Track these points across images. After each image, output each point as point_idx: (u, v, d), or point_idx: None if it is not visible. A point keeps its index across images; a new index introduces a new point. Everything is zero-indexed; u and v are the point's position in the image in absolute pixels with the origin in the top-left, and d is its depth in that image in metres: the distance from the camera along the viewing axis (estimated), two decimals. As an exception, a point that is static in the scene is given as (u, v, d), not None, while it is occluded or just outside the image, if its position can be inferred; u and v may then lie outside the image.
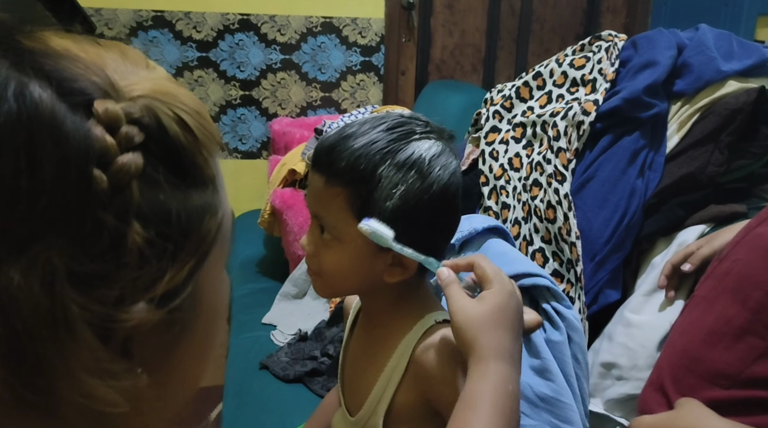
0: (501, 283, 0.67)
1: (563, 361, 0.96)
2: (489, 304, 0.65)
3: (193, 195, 0.37)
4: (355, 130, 0.72)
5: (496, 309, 0.65)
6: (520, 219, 1.29)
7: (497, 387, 0.61)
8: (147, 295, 0.34)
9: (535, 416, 0.93)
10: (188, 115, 0.36)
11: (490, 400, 0.60)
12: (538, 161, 1.28)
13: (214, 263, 0.40)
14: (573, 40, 2.90)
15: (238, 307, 1.90)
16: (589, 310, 1.17)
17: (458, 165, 0.75)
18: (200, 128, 0.37)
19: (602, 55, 1.32)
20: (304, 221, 1.83)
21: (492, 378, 0.61)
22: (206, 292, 0.41)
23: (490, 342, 0.63)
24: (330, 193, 0.72)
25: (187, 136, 0.36)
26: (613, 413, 1.08)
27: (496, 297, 0.66)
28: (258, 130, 2.67)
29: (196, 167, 0.37)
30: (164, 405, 0.40)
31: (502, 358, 0.63)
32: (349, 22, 2.64)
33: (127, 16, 2.45)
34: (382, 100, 2.76)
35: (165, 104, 0.35)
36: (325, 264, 0.75)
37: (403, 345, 0.76)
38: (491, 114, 1.42)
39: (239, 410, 1.40)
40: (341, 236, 0.73)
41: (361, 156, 0.70)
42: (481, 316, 0.65)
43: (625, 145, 1.20)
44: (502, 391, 0.61)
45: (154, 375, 0.37)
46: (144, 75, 0.37)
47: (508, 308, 0.66)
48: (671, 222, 1.16)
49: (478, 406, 0.60)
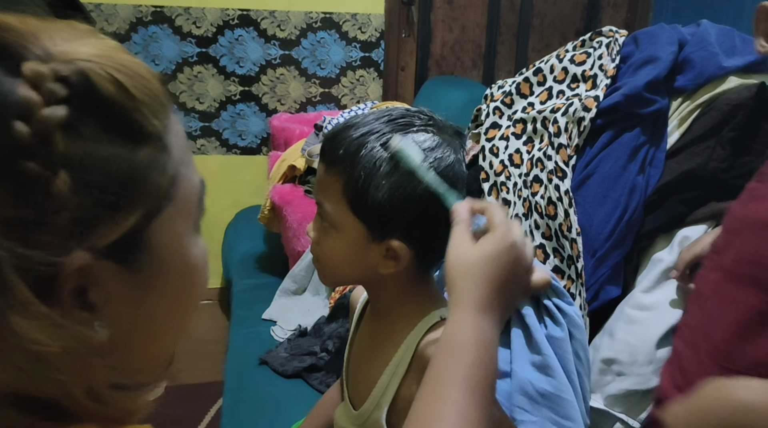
0: (504, 232, 0.63)
1: (564, 358, 0.96)
2: (481, 250, 0.62)
3: (131, 150, 0.39)
4: (358, 121, 0.74)
5: (486, 257, 0.62)
6: (521, 216, 1.28)
7: (470, 338, 0.60)
8: (86, 243, 0.37)
9: (536, 412, 0.93)
10: (124, 75, 0.38)
11: (464, 352, 0.59)
12: (538, 157, 1.28)
13: (173, 222, 0.43)
14: (573, 35, 2.89)
15: (238, 303, 1.90)
16: (590, 306, 1.17)
17: (458, 159, 0.75)
18: (139, 88, 0.39)
19: (603, 51, 1.31)
20: (304, 217, 1.83)
21: (466, 329, 0.60)
22: (171, 251, 0.44)
23: (471, 290, 0.61)
24: (328, 181, 0.74)
25: (121, 94, 0.38)
26: (614, 409, 1.08)
27: (491, 245, 0.63)
28: (257, 125, 2.67)
29: (133, 124, 0.39)
30: (131, 360, 0.43)
31: (481, 309, 0.61)
32: (349, 18, 2.63)
33: (127, 11, 2.44)
34: (381, 95, 2.76)
35: (99, 65, 0.38)
36: (323, 251, 0.77)
37: (409, 340, 0.77)
38: (491, 110, 1.42)
39: (239, 405, 1.40)
40: (336, 224, 0.74)
41: (358, 145, 0.71)
42: (468, 260, 0.62)
43: (625, 141, 1.20)
44: (475, 343, 0.59)
45: (121, 329, 0.40)
46: (87, 42, 0.39)
47: (502, 258, 0.62)
48: (672, 219, 1.15)
49: (451, 353, 0.60)
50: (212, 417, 1.96)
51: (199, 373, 2.19)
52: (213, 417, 1.96)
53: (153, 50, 2.50)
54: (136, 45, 2.48)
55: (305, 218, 1.82)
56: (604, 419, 1.09)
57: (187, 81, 2.56)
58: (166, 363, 0.49)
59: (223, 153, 2.66)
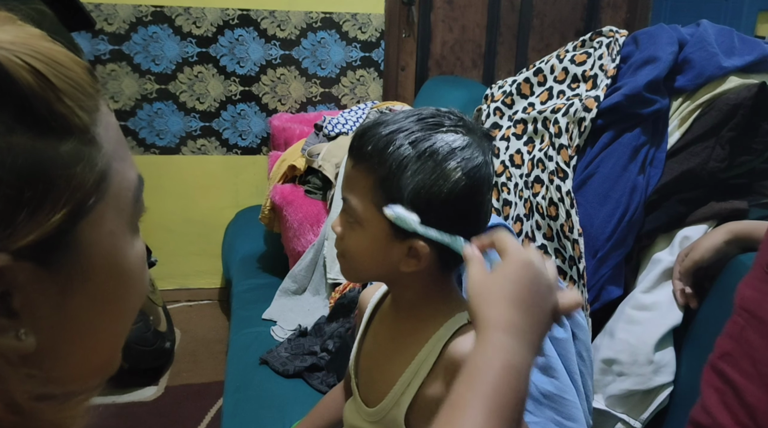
0: (516, 252, 0.63)
1: (567, 358, 0.96)
2: (496, 275, 0.62)
3: (51, 144, 0.36)
4: (388, 118, 0.74)
5: (503, 278, 0.61)
6: (522, 217, 1.28)
7: (493, 360, 0.56)
8: (1, 243, 0.34)
9: (539, 413, 0.93)
10: (43, 63, 0.36)
11: (485, 375, 0.56)
12: (539, 158, 1.28)
13: (104, 221, 0.40)
14: (573, 35, 2.89)
15: (239, 303, 1.90)
16: (592, 307, 1.17)
17: (485, 161, 0.74)
18: (60, 77, 0.37)
19: (603, 51, 1.31)
20: (304, 217, 1.83)
21: (489, 351, 0.57)
22: (102, 252, 0.40)
23: (491, 312, 0.60)
24: (356, 176, 0.74)
25: (40, 83, 0.35)
26: (615, 409, 1.08)
27: (506, 267, 0.62)
28: (258, 125, 2.67)
29: (54, 115, 0.36)
30: (59, 368, 0.40)
31: (503, 330, 0.58)
32: (349, 18, 2.63)
33: (127, 11, 2.44)
34: (382, 95, 2.76)
35: (14, 53, 0.35)
36: (347, 246, 0.77)
37: (434, 340, 0.77)
38: (492, 110, 1.42)
39: (239, 405, 1.40)
40: (361, 219, 0.74)
41: (386, 142, 0.72)
42: (485, 286, 0.62)
43: (626, 141, 1.20)
44: (499, 365, 0.56)
45: (46, 337, 0.37)
46: (3, 29, 0.37)
47: (519, 277, 0.61)
48: (672, 219, 1.16)
49: (473, 380, 0.56)
50: (213, 416, 1.96)
51: (200, 373, 2.20)
52: (213, 417, 1.96)
53: (153, 50, 2.50)
54: (136, 45, 2.48)
55: (306, 218, 1.82)
56: (605, 419, 1.10)
57: (188, 81, 2.56)
58: (103, 370, 0.45)
59: (223, 153, 2.66)
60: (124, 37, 2.47)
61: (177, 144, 2.61)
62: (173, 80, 2.54)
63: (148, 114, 2.56)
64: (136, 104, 2.54)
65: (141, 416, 1.94)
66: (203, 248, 2.69)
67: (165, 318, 2.31)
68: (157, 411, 1.97)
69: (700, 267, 1.04)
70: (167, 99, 2.56)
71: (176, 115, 2.59)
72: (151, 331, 2.09)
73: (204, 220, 2.68)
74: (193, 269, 2.72)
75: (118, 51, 2.48)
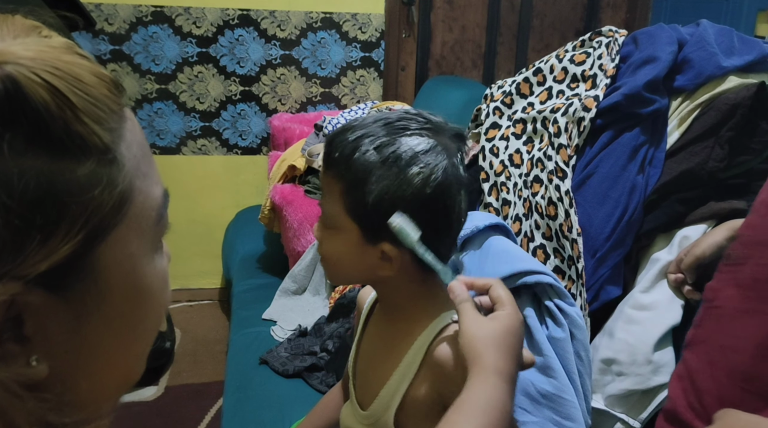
0: (514, 309, 0.70)
1: (565, 358, 0.96)
2: (501, 324, 0.68)
3: (67, 166, 0.34)
4: (356, 124, 0.75)
5: (506, 330, 0.67)
6: (521, 216, 1.28)
7: (492, 399, 0.63)
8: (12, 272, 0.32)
9: (537, 413, 0.93)
10: (61, 80, 0.34)
11: (483, 409, 0.62)
12: (538, 157, 1.28)
13: (124, 243, 0.38)
14: (573, 35, 2.90)
15: (239, 303, 1.91)
16: (591, 307, 1.17)
17: (452, 163, 0.74)
18: (80, 95, 0.34)
19: (603, 51, 1.31)
20: (304, 217, 1.83)
21: (489, 390, 0.63)
22: (121, 276, 0.38)
23: (496, 358, 0.65)
24: (328, 183, 0.75)
25: (57, 101, 0.33)
26: (614, 409, 1.08)
27: (508, 320, 0.68)
28: (258, 125, 2.67)
29: (71, 136, 0.34)
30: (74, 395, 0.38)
31: (501, 376, 0.64)
32: (349, 18, 2.63)
33: (127, 11, 2.44)
34: (382, 95, 2.76)
35: (31, 68, 0.33)
36: (326, 251, 0.78)
37: (419, 341, 0.77)
38: (491, 110, 1.42)
39: (239, 405, 1.40)
40: (335, 224, 0.75)
41: (352, 148, 0.72)
42: (492, 332, 0.67)
43: (625, 141, 1.20)
44: (496, 405, 0.62)
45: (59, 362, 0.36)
46: (22, 41, 0.35)
47: (517, 334, 0.68)
48: (671, 219, 1.15)
49: (470, 412, 0.62)
50: (213, 416, 1.96)
51: (200, 373, 2.20)
52: (213, 417, 1.96)
53: (153, 50, 2.50)
54: (136, 45, 2.48)
55: (305, 218, 1.82)
56: (604, 419, 1.10)
57: (188, 81, 2.56)
58: (119, 392, 0.43)
59: (223, 153, 2.67)
60: (125, 37, 2.47)
61: (177, 144, 2.61)
62: (173, 80, 2.55)
63: (148, 114, 2.56)
64: (136, 104, 2.54)
65: (141, 416, 1.94)
66: (203, 248, 2.70)
67: (165, 318, 2.32)
68: (157, 410, 1.97)
69: (701, 264, 1.04)
70: (167, 99, 2.56)
71: (176, 115, 2.59)
72: (151, 331, 2.09)
73: (204, 220, 2.68)
74: (194, 269, 2.72)
75: (119, 51, 2.48)
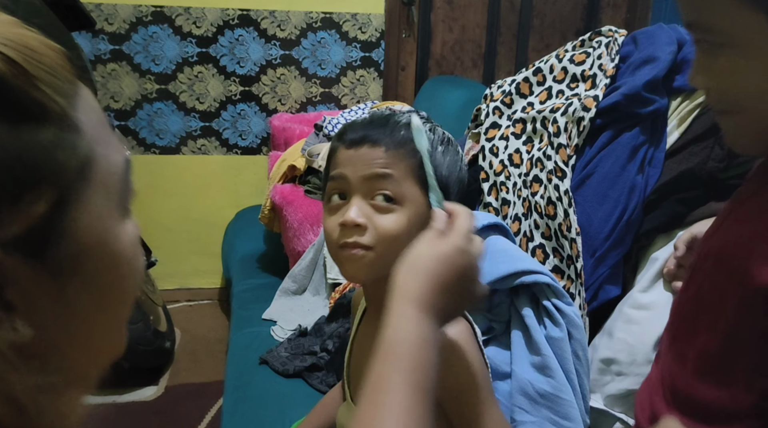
0: (461, 237, 0.64)
1: (563, 358, 0.96)
2: (434, 249, 0.62)
3: (29, 132, 0.36)
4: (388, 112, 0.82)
5: (437, 256, 0.62)
6: (521, 216, 1.29)
7: (410, 335, 0.58)
8: None
9: (535, 412, 0.93)
10: (15, 50, 0.35)
11: (404, 351, 0.57)
12: (538, 157, 1.28)
13: (93, 206, 0.39)
14: (573, 35, 2.90)
15: (238, 303, 1.91)
16: (590, 306, 1.17)
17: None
18: (34, 63, 0.36)
19: (602, 51, 1.31)
20: (304, 217, 1.83)
21: (405, 326, 0.58)
22: (93, 238, 0.40)
23: (412, 285, 0.60)
24: (394, 160, 0.77)
25: (12, 70, 0.35)
26: (613, 409, 1.08)
27: (446, 246, 0.63)
28: (258, 125, 2.67)
29: (30, 103, 0.36)
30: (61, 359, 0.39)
31: (420, 306, 0.59)
32: (349, 18, 2.63)
33: (127, 11, 2.44)
34: (381, 95, 2.76)
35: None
36: (384, 229, 0.76)
37: None
38: (491, 110, 1.42)
39: (239, 404, 1.41)
40: (403, 199, 0.76)
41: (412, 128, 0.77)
42: (419, 256, 0.62)
43: (625, 140, 1.20)
44: (415, 340, 0.58)
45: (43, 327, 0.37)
46: None
47: (453, 261, 0.62)
48: (670, 219, 1.16)
49: (392, 357, 0.57)
50: (213, 416, 1.97)
51: (200, 373, 2.20)
52: (213, 417, 1.96)
53: (153, 50, 2.50)
54: (136, 45, 2.48)
55: (305, 218, 1.82)
56: (604, 419, 1.10)
57: (188, 81, 2.56)
58: (104, 358, 0.45)
59: (223, 153, 2.67)
60: (125, 37, 2.47)
61: (177, 144, 2.61)
62: (173, 80, 2.55)
63: (148, 114, 2.56)
64: (136, 104, 2.54)
65: (141, 416, 1.94)
66: (203, 248, 2.70)
67: (165, 318, 2.32)
68: (157, 410, 1.97)
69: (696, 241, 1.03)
70: (167, 99, 2.56)
71: (176, 115, 2.59)
72: (151, 331, 2.10)
73: (204, 220, 2.68)
74: (193, 269, 2.72)
75: (119, 51, 2.48)
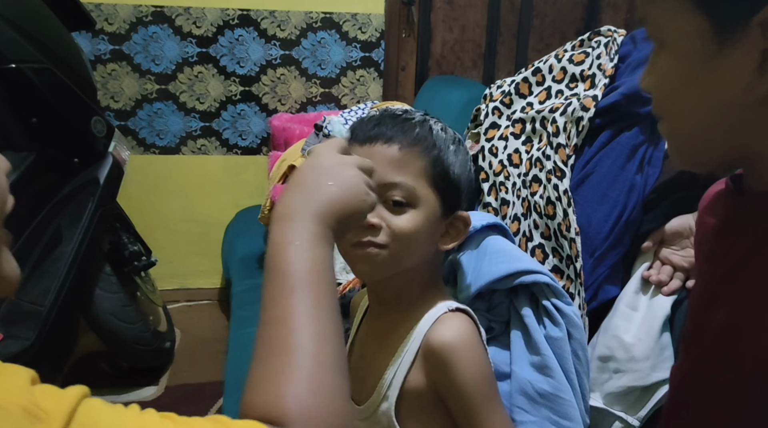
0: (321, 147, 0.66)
1: (563, 357, 0.96)
2: (297, 171, 0.64)
3: None
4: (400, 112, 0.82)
5: (296, 173, 0.63)
6: (520, 216, 1.29)
7: (284, 252, 0.57)
8: None
9: (535, 412, 0.93)
10: None
11: (287, 272, 0.56)
12: (537, 157, 1.28)
13: None
14: (573, 35, 2.90)
15: (238, 303, 1.91)
16: (589, 306, 1.17)
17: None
18: None
19: (601, 51, 1.31)
20: (304, 217, 1.83)
21: (277, 245, 0.57)
22: None
23: (281, 201, 0.61)
24: (406, 159, 0.77)
25: None
26: (613, 407, 1.08)
27: (305, 163, 0.65)
28: (258, 125, 2.67)
29: None
30: None
31: (283, 216, 0.59)
32: (349, 18, 2.63)
33: (127, 11, 2.44)
34: (382, 95, 2.76)
35: None
36: (399, 228, 0.76)
37: (417, 331, 0.79)
38: (490, 110, 1.42)
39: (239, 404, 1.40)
40: (415, 200, 0.77)
41: (428, 127, 0.80)
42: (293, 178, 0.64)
43: (624, 140, 1.20)
44: (292, 254, 0.56)
45: None
46: None
47: (301, 167, 0.64)
48: (670, 219, 1.16)
49: (278, 282, 0.56)
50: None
51: (200, 373, 2.20)
52: (213, 417, 1.96)
53: (153, 50, 2.50)
54: (136, 45, 2.48)
55: (305, 218, 1.82)
56: (603, 418, 1.10)
57: (188, 81, 2.56)
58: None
59: (223, 153, 2.67)
60: (125, 37, 2.47)
61: (177, 144, 2.61)
62: (173, 80, 2.55)
63: (148, 114, 2.56)
64: (136, 104, 2.54)
65: (141, 416, 1.94)
66: (203, 248, 2.70)
67: (165, 318, 2.32)
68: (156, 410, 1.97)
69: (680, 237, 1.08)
70: (167, 99, 2.56)
71: (176, 115, 2.59)
72: (151, 331, 2.10)
73: (204, 220, 2.68)
74: (193, 269, 2.72)
75: (118, 51, 2.48)
